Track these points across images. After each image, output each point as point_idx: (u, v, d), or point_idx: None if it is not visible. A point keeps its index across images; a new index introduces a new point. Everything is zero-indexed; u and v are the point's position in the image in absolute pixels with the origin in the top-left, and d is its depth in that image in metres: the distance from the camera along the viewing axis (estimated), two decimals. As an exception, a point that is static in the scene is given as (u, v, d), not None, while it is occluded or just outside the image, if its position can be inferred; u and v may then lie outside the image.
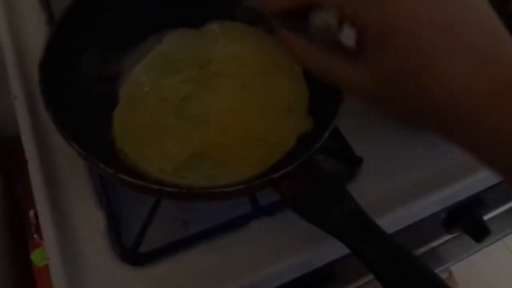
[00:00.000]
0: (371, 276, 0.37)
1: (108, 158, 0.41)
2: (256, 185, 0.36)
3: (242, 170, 0.40)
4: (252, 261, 0.41)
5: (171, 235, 0.42)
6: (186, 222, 0.44)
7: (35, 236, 0.73)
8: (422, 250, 0.64)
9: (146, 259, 0.41)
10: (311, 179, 0.38)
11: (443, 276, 1.18)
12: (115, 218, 0.43)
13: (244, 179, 0.38)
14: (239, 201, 0.44)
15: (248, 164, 0.41)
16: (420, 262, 0.34)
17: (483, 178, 0.49)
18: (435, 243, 0.64)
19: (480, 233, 0.55)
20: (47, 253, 0.40)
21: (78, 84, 0.43)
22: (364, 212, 0.36)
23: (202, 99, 0.44)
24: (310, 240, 0.42)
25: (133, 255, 0.40)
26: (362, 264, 0.35)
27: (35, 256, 0.75)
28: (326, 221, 0.36)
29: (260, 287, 0.42)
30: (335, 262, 0.45)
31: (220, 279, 0.40)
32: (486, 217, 0.60)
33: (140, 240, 0.40)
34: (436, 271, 0.65)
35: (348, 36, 0.27)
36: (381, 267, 0.34)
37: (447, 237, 0.64)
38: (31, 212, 0.72)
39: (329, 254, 0.44)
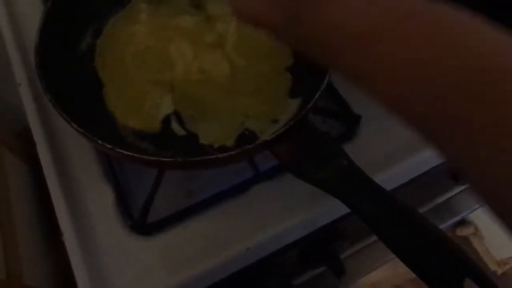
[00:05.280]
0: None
1: (110, 135, 0.42)
2: (250, 149, 0.37)
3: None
4: (256, 224, 0.42)
5: (176, 205, 0.44)
6: (190, 191, 0.45)
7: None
8: (437, 201, 0.64)
9: (153, 228, 0.43)
10: (305, 140, 0.39)
11: (469, 231, 1.17)
12: (123, 192, 0.45)
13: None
14: (240, 168, 0.45)
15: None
16: (418, 214, 0.34)
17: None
18: (447, 195, 0.63)
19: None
20: (61, 228, 0.42)
21: (74, 64, 0.45)
22: (359, 168, 0.37)
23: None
24: (311, 200, 0.43)
25: (141, 225, 0.42)
26: (362, 221, 0.35)
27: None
28: (321, 180, 0.36)
29: (266, 247, 0.43)
30: (339, 220, 0.46)
31: (226, 243, 0.42)
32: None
33: (147, 211, 0.42)
34: (451, 222, 0.65)
35: None
36: (379, 222, 0.34)
37: (460, 188, 0.63)
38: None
39: (332, 212, 0.45)
